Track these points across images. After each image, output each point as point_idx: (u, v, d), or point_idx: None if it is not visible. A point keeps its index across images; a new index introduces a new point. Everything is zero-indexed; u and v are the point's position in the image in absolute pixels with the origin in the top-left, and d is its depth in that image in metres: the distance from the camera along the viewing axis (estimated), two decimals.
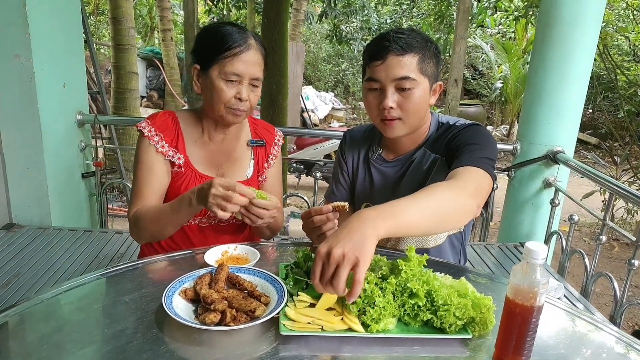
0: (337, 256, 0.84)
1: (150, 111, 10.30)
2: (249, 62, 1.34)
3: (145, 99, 11.18)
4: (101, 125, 3.31)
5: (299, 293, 1.00)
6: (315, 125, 10.23)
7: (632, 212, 4.85)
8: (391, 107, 1.28)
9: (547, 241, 2.39)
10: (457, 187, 1.10)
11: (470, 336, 0.92)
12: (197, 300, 0.98)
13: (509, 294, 0.85)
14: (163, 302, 0.94)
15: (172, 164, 1.44)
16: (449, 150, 1.33)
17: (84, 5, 2.91)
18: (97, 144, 2.87)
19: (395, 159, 1.45)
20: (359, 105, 13.02)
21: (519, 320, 0.84)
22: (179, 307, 0.96)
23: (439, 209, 1.02)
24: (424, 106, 1.33)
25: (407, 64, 1.26)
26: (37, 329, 0.92)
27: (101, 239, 2.39)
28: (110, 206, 4.53)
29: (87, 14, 13.37)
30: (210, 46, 1.36)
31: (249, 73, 1.35)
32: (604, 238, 1.97)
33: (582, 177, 2.31)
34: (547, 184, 2.46)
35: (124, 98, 5.32)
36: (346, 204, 1.15)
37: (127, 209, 4.55)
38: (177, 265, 1.23)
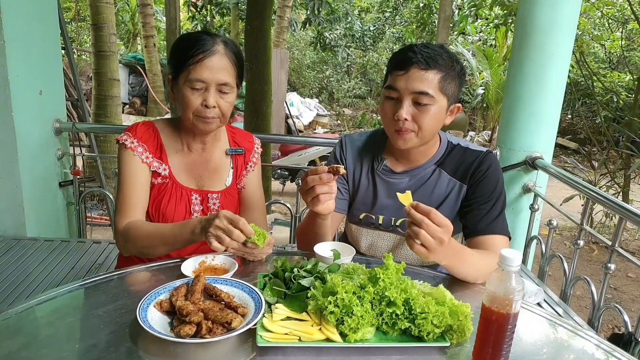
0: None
1: (133, 118, 10.19)
2: (213, 67, 1.31)
3: (127, 106, 11.06)
4: (81, 133, 3.26)
5: (277, 304, 0.99)
6: (300, 131, 10.23)
7: (611, 215, 4.94)
8: (405, 119, 1.27)
9: (527, 246, 2.41)
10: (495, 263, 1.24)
11: (448, 344, 0.92)
12: (173, 312, 0.96)
13: (485, 301, 0.85)
14: (137, 315, 0.91)
15: (157, 174, 1.42)
16: (472, 183, 1.38)
17: (62, 11, 2.86)
18: (76, 152, 2.82)
19: (404, 172, 1.43)
20: (343, 112, 13.09)
21: (495, 328, 0.85)
22: (154, 320, 0.94)
23: (480, 271, 1.22)
24: (437, 124, 1.32)
25: (429, 80, 1.26)
26: (5, 345, 0.89)
27: (78, 249, 2.34)
28: (89, 215, 4.45)
29: (68, 20, 13.22)
30: (178, 55, 1.34)
31: (214, 79, 1.32)
32: (581, 243, 2.00)
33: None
34: (526, 190, 2.49)
35: (106, 105, 5.25)
36: (341, 166, 1.15)
37: (108, 217, 4.45)
38: (153, 276, 1.20)
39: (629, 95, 6.03)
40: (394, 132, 1.33)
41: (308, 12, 9.00)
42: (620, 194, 5.04)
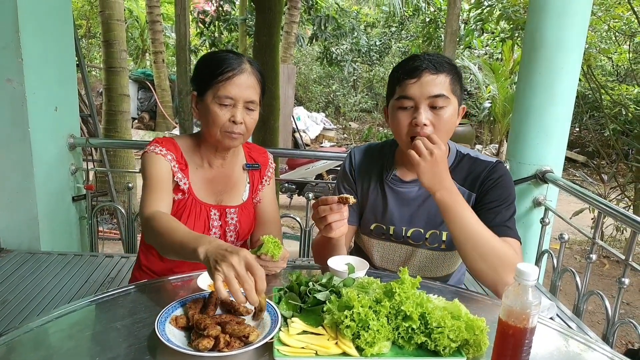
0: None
1: (142, 133, 10.31)
2: (242, 85, 1.36)
3: (136, 121, 11.19)
4: (92, 148, 3.30)
5: (293, 317, 1.00)
6: (307, 145, 10.28)
7: (622, 229, 4.90)
8: (424, 124, 1.29)
9: (538, 260, 2.40)
10: (510, 252, 1.25)
11: (464, 359, 0.92)
12: (188, 328, 0.97)
13: (502, 315, 0.85)
14: (156, 328, 0.93)
15: (178, 189, 1.43)
16: (482, 191, 1.40)
17: (76, 29, 2.94)
18: (88, 167, 2.86)
19: (413, 181, 1.44)
20: (350, 126, 13.14)
21: (512, 342, 0.85)
22: (172, 333, 0.95)
23: (486, 242, 1.24)
24: (452, 126, 1.35)
25: (442, 82, 1.29)
26: (28, 357, 0.90)
27: (91, 263, 2.36)
28: (100, 229, 4.49)
29: (79, 37, 13.50)
30: (205, 72, 1.38)
31: (242, 96, 1.36)
32: (594, 257, 1.99)
33: (570, 196, 2.35)
34: (536, 203, 2.48)
35: (115, 120, 5.32)
36: (351, 196, 1.18)
37: (118, 231, 4.48)
38: (170, 289, 1.22)
39: (638, 107, 6.01)
40: (410, 141, 1.31)
41: (315, 28, 9.11)
42: (631, 207, 5.00)
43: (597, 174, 5.56)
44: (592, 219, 4.93)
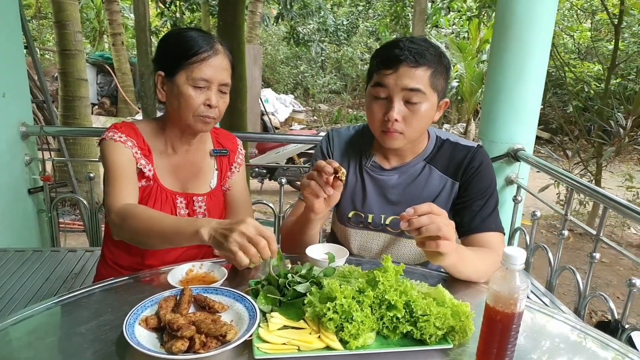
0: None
1: (103, 119, 9.91)
2: (217, 67, 1.30)
3: (96, 107, 10.75)
4: (49, 137, 3.12)
5: (272, 312, 0.95)
6: (276, 128, 10.15)
7: (584, 203, 5.08)
8: (396, 120, 1.24)
9: (511, 237, 2.44)
10: (497, 259, 1.17)
11: (451, 346, 0.90)
12: (160, 328, 0.91)
13: (489, 301, 0.83)
14: (124, 331, 0.86)
15: (142, 175, 1.36)
16: (464, 180, 1.35)
17: (23, 9, 2.73)
18: (45, 157, 2.70)
19: (393, 169, 1.40)
20: (319, 107, 13.07)
21: (499, 327, 0.83)
22: (142, 336, 0.88)
23: (483, 269, 1.20)
24: (427, 122, 1.29)
25: (419, 76, 1.21)
26: None
27: (52, 258, 2.23)
28: (62, 220, 4.29)
29: (29, 18, 12.76)
30: (176, 52, 1.29)
31: (217, 78, 1.30)
32: (566, 233, 2.02)
33: (538, 171, 2.38)
34: (509, 182, 2.51)
35: (73, 106, 5.06)
36: (341, 169, 1.15)
37: (81, 223, 4.31)
38: (138, 287, 1.14)
39: (598, 85, 6.19)
40: (382, 133, 1.29)
41: (280, 7, 8.91)
42: (593, 181, 5.19)
43: (561, 150, 5.72)
44: (557, 194, 5.09)
